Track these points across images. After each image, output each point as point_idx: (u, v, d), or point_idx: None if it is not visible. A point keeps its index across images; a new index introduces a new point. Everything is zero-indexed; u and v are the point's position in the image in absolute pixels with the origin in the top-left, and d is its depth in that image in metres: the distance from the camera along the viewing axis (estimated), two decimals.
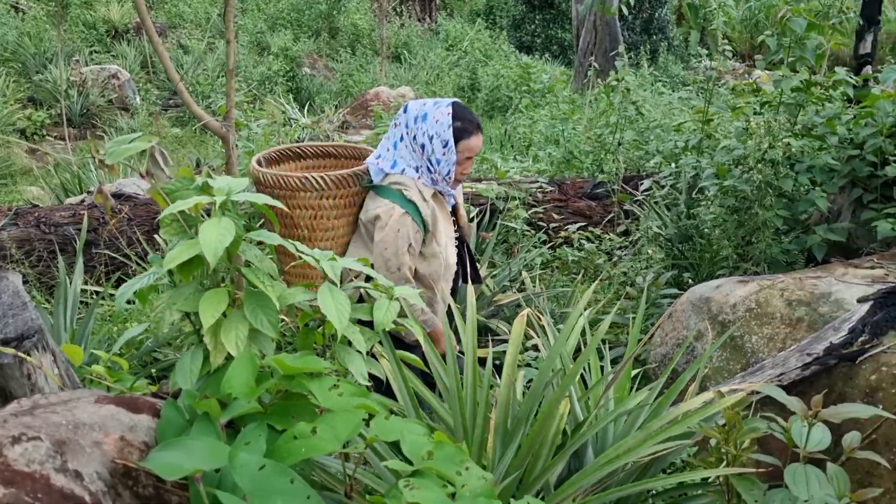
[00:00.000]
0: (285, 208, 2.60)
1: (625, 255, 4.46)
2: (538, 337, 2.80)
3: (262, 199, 1.69)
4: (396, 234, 2.79)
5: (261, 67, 10.74)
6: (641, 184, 4.92)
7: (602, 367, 2.74)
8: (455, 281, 3.08)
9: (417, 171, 2.89)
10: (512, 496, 1.88)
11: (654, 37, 15.13)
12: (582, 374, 2.42)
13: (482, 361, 2.18)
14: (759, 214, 3.55)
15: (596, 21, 10.52)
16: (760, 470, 1.93)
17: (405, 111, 2.93)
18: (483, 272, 3.75)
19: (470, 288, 2.64)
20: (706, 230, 3.94)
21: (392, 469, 1.47)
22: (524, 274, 4.18)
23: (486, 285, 3.97)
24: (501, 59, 12.62)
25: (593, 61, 8.20)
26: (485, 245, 4.42)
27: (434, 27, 14.94)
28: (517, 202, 4.83)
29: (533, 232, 4.82)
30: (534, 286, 4.14)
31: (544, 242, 4.80)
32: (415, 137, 2.87)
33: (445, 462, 1.34)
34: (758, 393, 2.03)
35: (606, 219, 5.16)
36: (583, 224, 4.87)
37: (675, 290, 3.85)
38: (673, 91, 8.84)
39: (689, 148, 4.54)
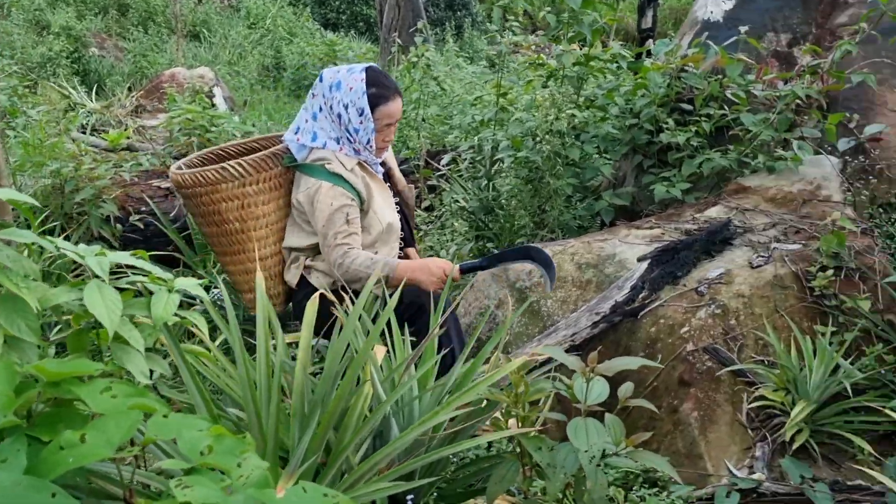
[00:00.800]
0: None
1: (430, 229, 4.54)
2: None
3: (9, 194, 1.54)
4: (330, 208, 2.72)
5: (40, 48, 9.86)
6: (442, 159, 5.02)
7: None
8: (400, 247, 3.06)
9: (338, 143, 2.82)
10: (313, 479, 1.87)
11: (459, 13, 15.42)
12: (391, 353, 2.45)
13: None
14: (550, 183, 3.73)
15: None
16: (546, 427, 2.04)
17: (321, 80, 2.83)
18: None
19: None
20: (504, 201, 4.09)
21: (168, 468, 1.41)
22: None
23: None
24: (306, 36, 12.39)
25: (397, 38, 8.24)
26: None
27: (234, 4, 14.39)
28: None
29: None
30: None
31: None
32: (331, 107, 2.79)
33: (225, 455, 1.30)
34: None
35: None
36: None
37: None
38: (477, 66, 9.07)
39: (485, 122, 4.67)
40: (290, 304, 3.03)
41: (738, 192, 3.67)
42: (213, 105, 7.63)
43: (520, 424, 1.91)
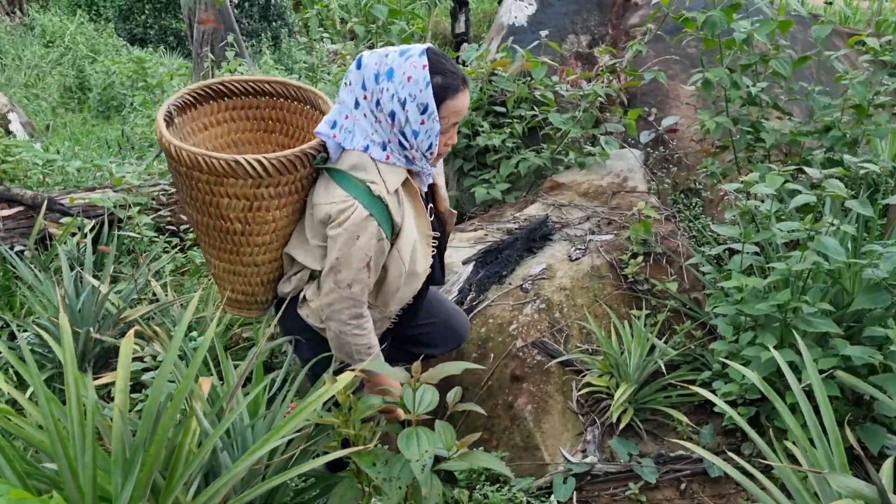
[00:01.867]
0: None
1: None
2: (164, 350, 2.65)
3: None
4: (354, 244, 2.09)
5: None
6: None
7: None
8: (424, 286, 2.39)
9: (385, 149, 2.12)
10: None
11: (274, 23, 15.14)
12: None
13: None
14: None
15: (206, 9, 10.21)
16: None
17: (359, 66, 2.10)
18: (105, 288, 3.45)
19: None
20: None
21: None
22: (153, 283, 3.93)
23: (112, 302, 3.67)
24: (111, 53, 11.69)
25: (209, 52, 7.97)
26: (105, 259, 4.07)
27: (27, 21, 13.37)
28: (139, 208, 4.53)
29: (162, 237, 4.56)
30: (166, 294, 3.92)
31: (175, 246, 4.57)
32: (379, 104, 2.07)
33: None
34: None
35: None
36: None
37: None
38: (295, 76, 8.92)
39: None
40: (277, 313, 2.40)
41: (553, 188, 3.83)
42: (10, 132, 7.05)
43: (355, 442, 1.89)
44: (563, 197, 3.73)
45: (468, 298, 3.11)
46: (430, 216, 2.33)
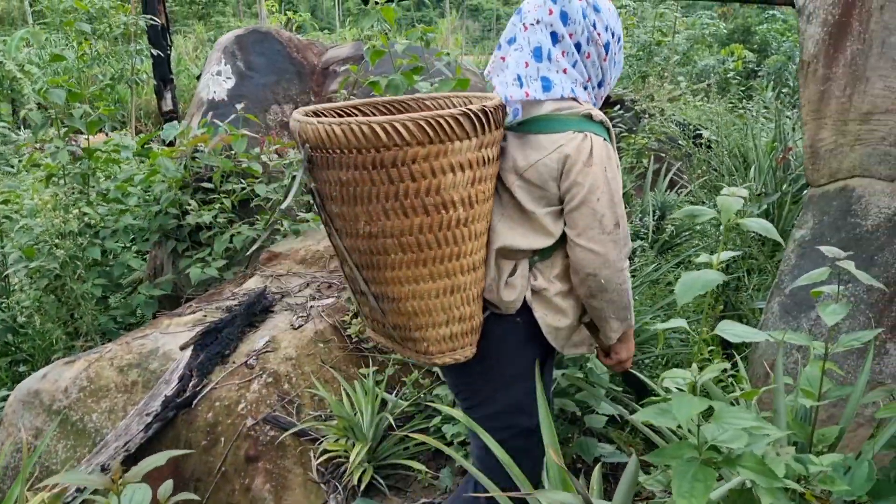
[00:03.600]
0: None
1: None
2: None
3: None
4: (605, 174, 1.74)
5: None
6: None
7: None
8: None
9: (587, 88, 1.87)
10: None
11: None
12: None
13: None
14: (75, 289, 3.44)
15: None
16: None
17: (531, 2, 1.84)
18: None
19: None
20: (25, 319, 3.67)
21: None
22: None
23: None
24: None
25: None
26: None
27: None
28: None
29: None
30: None
31: None
32: (589, 39, 1.83)
33: None
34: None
35: None
36: None
37: (5, 392, 3.49)
38: None
39: None
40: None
41: (271, 259, 3.78)
42: None
43: None
44: (282, 267, 3.70)
45: (190, 385, 2.95)
46: None
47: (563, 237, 1.85)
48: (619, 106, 5.56)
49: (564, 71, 1.83)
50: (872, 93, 2.76)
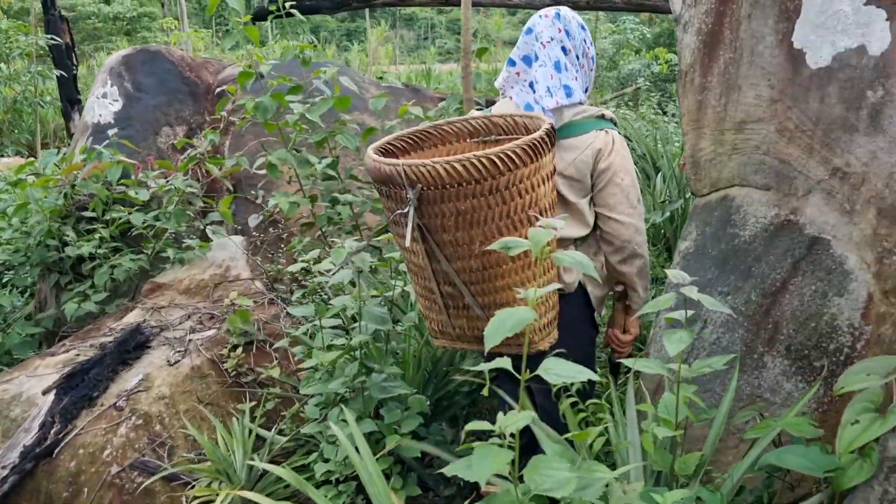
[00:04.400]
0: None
1: None
2: None
3: None
4: (625, 159, 2.23)
5: None
6: None
7: None
8: None
9: (585, 92, 2.31)
10: None
11: None
12: None
13: None
14: None
15: None
16: None
17: (559, 18, 2.24)
18: None
19: None
20: None
21: None
22: None
23: None
24: None
25: None
26: None
27: None
28: None
29: None
30: None
31: None
32: (585, 52, 2.29)
33: None
34: None
35: None
36: None
37: None
38: None
39: None
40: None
41: (154, 290, 3.61)
42: None
43: None
44: (164, 298, 3.53)
45: (52, 432, 2.76)
46: None
47: (595, 226, 2.27)
48: None
49: (575, 79, 2.24)
50: (745, 101, 2.72)
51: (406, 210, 1.88)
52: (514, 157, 1.83)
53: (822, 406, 2.30)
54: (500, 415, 1.29)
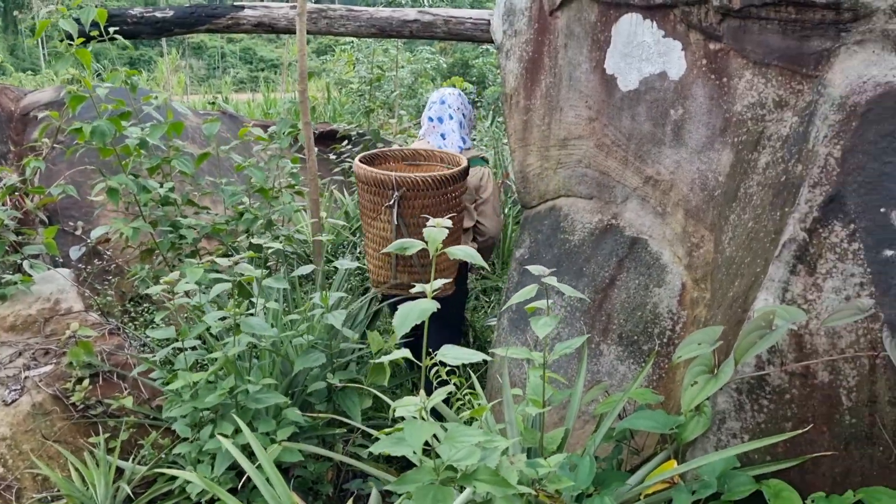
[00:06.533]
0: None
1: None
2: None
3: None
4: (494, 186, 3.61)
5: None
6: None
7: None
8: None
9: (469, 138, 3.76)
10: None
11: None
12: None
13: None
14: None
15: None
16: None
17: (460, 96, 3.70)
18: None
19: None
20: None
21: None
22: None
23: None
24: None
25: None
26: None
27: None
28: None
29: None
30: None
31: None
32: (471, 117, 3.76)
33: None
34: None
35: None
36: None
37: None
38: None
39: None
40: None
41: None
42: None
43: None
44: None
45: None
46: None
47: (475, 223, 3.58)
48: (346, 141, 5.65)
49: (467, 133, 3.71)
50: (566, 121, 3.06)
51: (392, 202, 2.99)
52: (457, 176, 3.12)
53: (651, 384, 2.64)
54: (422, 392, 1.44)
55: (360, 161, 3.20)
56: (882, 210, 1.97)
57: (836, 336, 1.99)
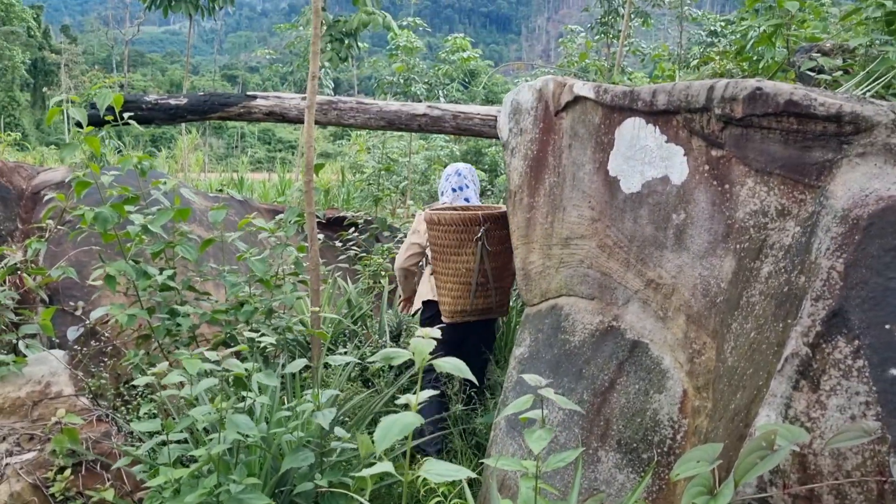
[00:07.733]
0: None
1: None
2: None
3: None
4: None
5: None
6: None
7: None
8: None
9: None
10: None
11: None
12: None
13: None
14: None
15: None
16: None
17: (472, 171, 4.55)
18: None
19: None
20: None
21: None
22: None
23: None
24: None
25: None
26: None
27: None
28: None
29: None
30: None
31: None
32: (475, 183, 4.53)
33: None
34: None
35: None
36: None
37: None
38: None
39: None
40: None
41: None
42: None
43: None
44: None
45: None
46: None
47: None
48: (353, 228, 5.66)
49: (477, 196, 4.49)
50: (569, 220, 3.04)
51: (479, 235, 3.76)
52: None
53: (651, 496, 2.53)
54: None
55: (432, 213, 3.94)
56: (887, 327, 1.91)
57: (841, 457, 1.91)
